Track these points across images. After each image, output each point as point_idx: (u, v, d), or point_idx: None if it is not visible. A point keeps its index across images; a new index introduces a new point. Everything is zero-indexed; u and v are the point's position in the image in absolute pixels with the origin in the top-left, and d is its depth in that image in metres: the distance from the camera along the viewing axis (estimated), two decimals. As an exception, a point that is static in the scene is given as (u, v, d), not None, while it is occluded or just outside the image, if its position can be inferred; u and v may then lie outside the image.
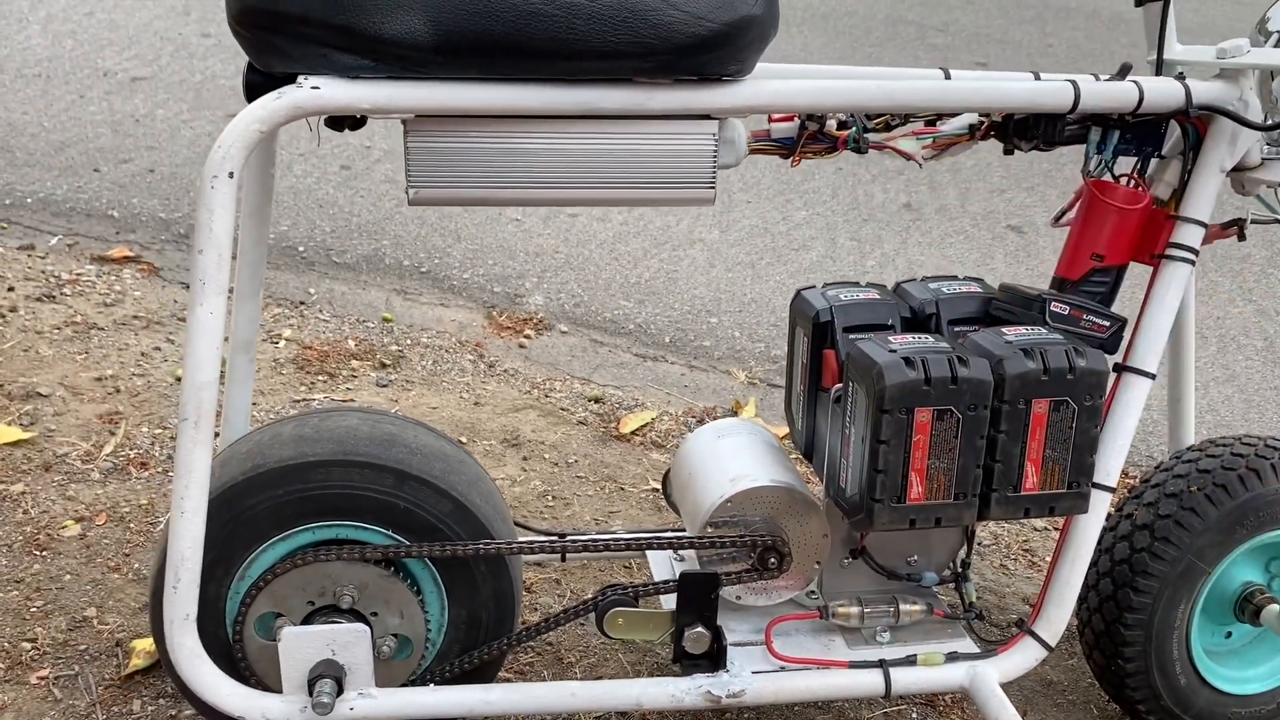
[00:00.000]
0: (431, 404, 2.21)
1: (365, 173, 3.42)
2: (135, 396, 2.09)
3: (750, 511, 1.32)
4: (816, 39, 5.31)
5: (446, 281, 2.82)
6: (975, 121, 1.36)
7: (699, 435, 1.47)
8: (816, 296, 1.39)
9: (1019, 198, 3.63)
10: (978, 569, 1.88)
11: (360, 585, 1.25)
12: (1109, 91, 1.25)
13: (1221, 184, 1.33)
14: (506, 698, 1.26)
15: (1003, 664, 1.32)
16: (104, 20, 4.64)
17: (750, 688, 1.28)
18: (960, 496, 1.24)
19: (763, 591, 1.37)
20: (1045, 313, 1.31)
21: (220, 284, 1.08)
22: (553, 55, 1.06)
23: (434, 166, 1.11)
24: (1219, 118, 1.29)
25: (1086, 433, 1.25)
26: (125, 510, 1.77)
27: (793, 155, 1.32)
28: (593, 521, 1.89)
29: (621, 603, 1.31)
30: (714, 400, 2.40)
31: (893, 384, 1.19)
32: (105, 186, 3.13)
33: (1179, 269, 1.31)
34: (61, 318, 2.35)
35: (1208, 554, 1.44)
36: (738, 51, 1.11)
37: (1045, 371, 1.22)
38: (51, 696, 1.41)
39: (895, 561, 1.40)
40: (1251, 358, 2.78)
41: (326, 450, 1.24)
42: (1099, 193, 1.34)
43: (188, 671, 1.19)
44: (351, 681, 1.23)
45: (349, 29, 1.02)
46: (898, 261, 3.13)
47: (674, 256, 3.09)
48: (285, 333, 2.43)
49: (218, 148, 1.03)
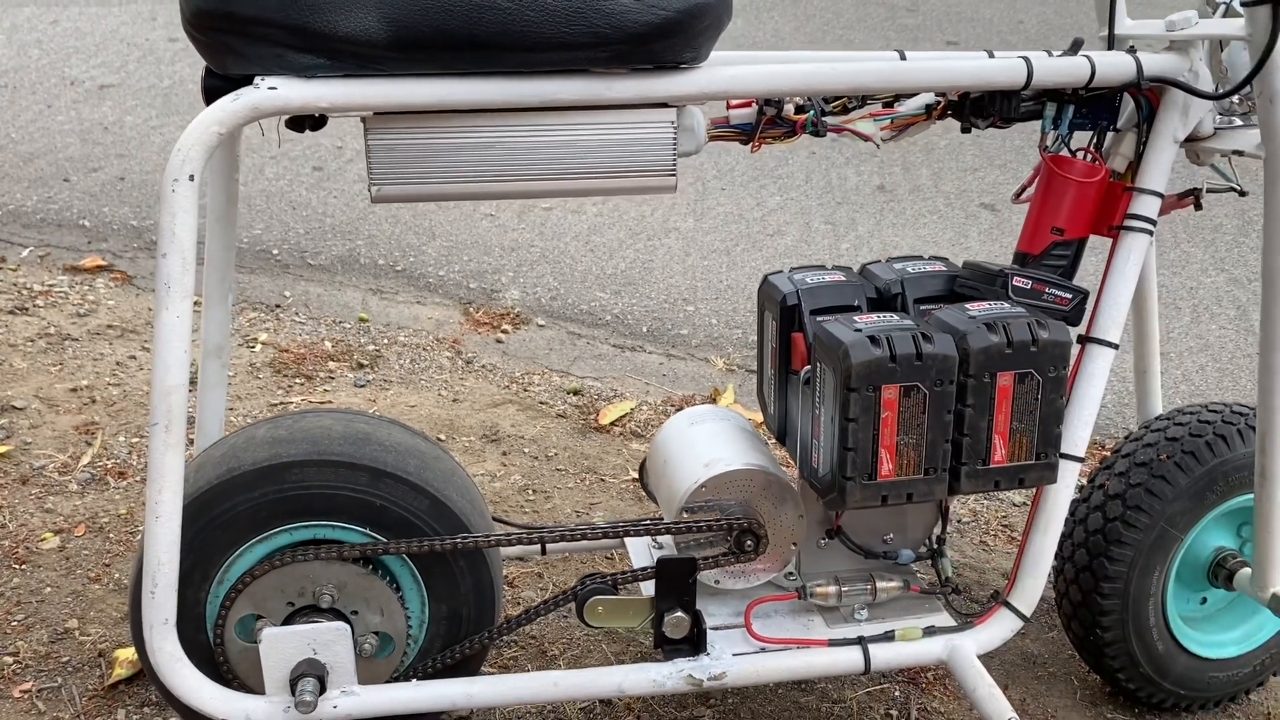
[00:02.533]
0: (410, 402, 2.22)
1: (338, 173, 3.42)
2: (111, 406, 2.09)
3: (725, 496, 1.33)
4: (787, 24, 5.31)
5: (422, 279, 2.82)
6: (932, 101, 1.37)
7: (673, 423, 1.48)
8: (783, 280, 1.40)
9: (991, 176, 3.65)
10: (958, 546, 1.90)
11: (339, 584, 1.26)
12: (1061, 67, 1.26)
13: (1177, 154, 1.34)
14: (490, 690, 1.27)
15: (979, 636, 1.34)
16: (70, 29, 4.61)
17: (731, 670, 1.29)
18: (930, 471, 1.25)
19: (741, 574, 1.38)
20: (1008, 288, 1.33)
21: (186, 287, 1.08)
22: (507, 48, 1.06)
23: (395, 163, 1.12)
24: (1171, 89, 1.30)
25: (1052, 404, 1.26)
26: (104, 520, 1.77)
27: (752, 140, 1.33)
28: (574, 514, 1.90)
29: (601, 591, 1.32)
30: (693, 388, 2.41)
31: (859, 362, 1.20)
32: (76, 196, 3.12)
33: (1137, 239, 1.33)
34: (35, 329, 2.34)
35: (1179, 521, 1.46)
36: (692, 39, 1.12)
37: (1009, 345, 1.23)
38: (35, 710, 1.41)
39: (871, 540, 1.42)
40: (1225, 326, 2.81)
41: (301, 451, 1.25)
42: (1056, 167, 1.35)
43: (169, 676, 1.19)
44: (334, 680, 1.23)
45: (303, 28, 1.02)
46: (872, 243, 3.14)
47: (649, 246, 3.09)
48: (261, 336, 2.43)
49: (177, 151, 1.04)
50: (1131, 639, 1.48)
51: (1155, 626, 1.49)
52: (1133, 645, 1.48)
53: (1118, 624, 1.47)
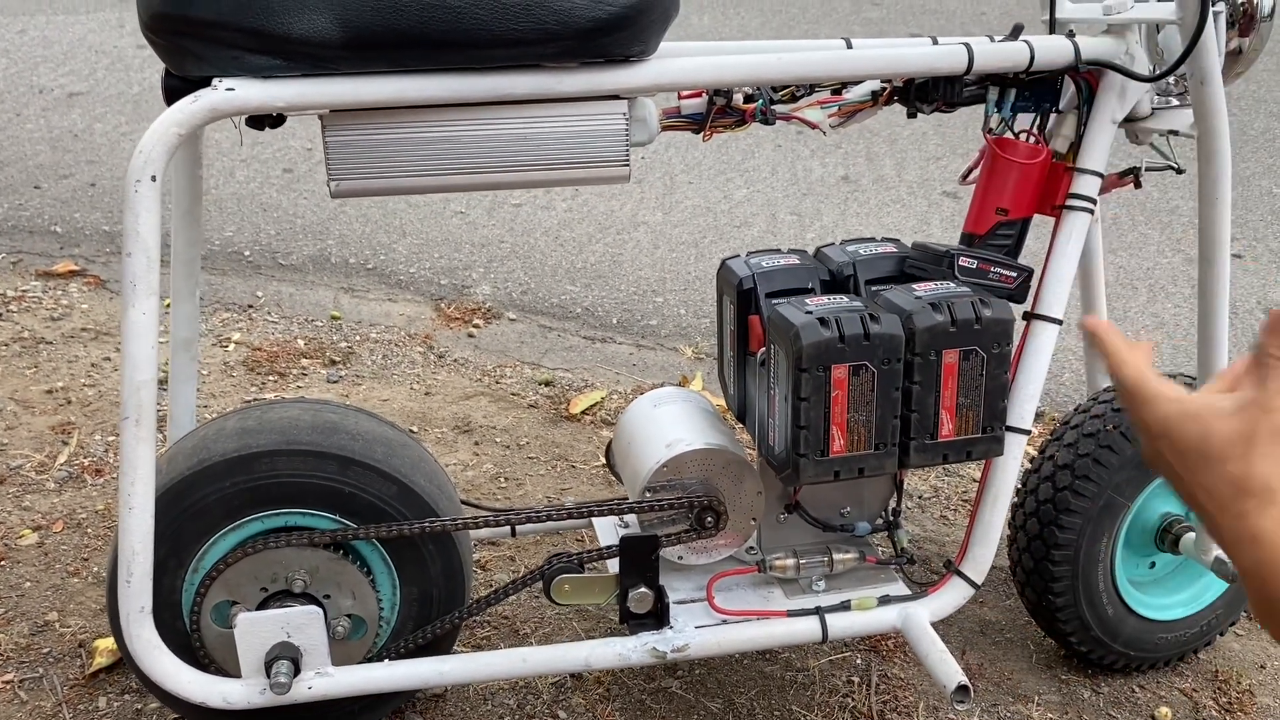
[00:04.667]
0: (382, 396, 2.25)
1: (308, 175, 3.44)
2: (87, 406, 2.11)
3: (686, 474, 1.38)
4: (753, 20, 5.36)
5: (393, 277, 2.85)
6: (878, 88, 1.41)
7: (637, 405, 1.52)
8: (740, 265, 1.45)
9: (954, 164, 3.70)
10: (919, 520, 1.95)
11: (311, 569, 1.29)
12: (1001, 52, 1.31)
13: (1116, 135, 1.39)
14: (461, 667, 1.31)
15: (933, 604, 1.39)
16: (37, 37, 4.61)
17: (694, 642, 1.34)
18: (880, 447, 1.30)
19: (703, 550, 1.42)
20: (955, 267, 1.37)
21: (151, 285, 1.11)
22: (458, 45, 1.10)
23: (352, 159, 1.15)
24: (1108, 72, 1.35)
25: (997, 379, 1.31)
26: (82, 516, 1.79)
27: (704, 130, 1.37)
28: (545, 499, 1.94)
29: (567, 570, 1.36)
30: (662, 377, 2.45)
31: (809, 343, 1.24)
32: (47, 203, 3.13)
33: (1079, 218, 1.38)
34: (9, 334, 2.36)
35: (1126, 489, 1.51)
36: (640, 32, 1.16)
37: (953, 323, 1.28)
38: (18, 699, 1.44)
39: (829, 514, 1.47)
40: (1180, 305, 2.88)
41: (270, 441, 1.28)
42: (1000, 149, 1.40)
43: (147, 662, 1.23)
44: (308, 662, 1.27)
45: (258, 31, 1.05)
46: (837, 233, 3.19)
47: (619, 240, 3.13)
48: (234, 336, 2.46)
49: (139, 153, 1.07)
50: (1082, 603, 1.53)
51: (1105, 591, 1.54)
52: (1083, 609, 1.54)
53: (1069, 589, 1.52)
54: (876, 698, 1.54)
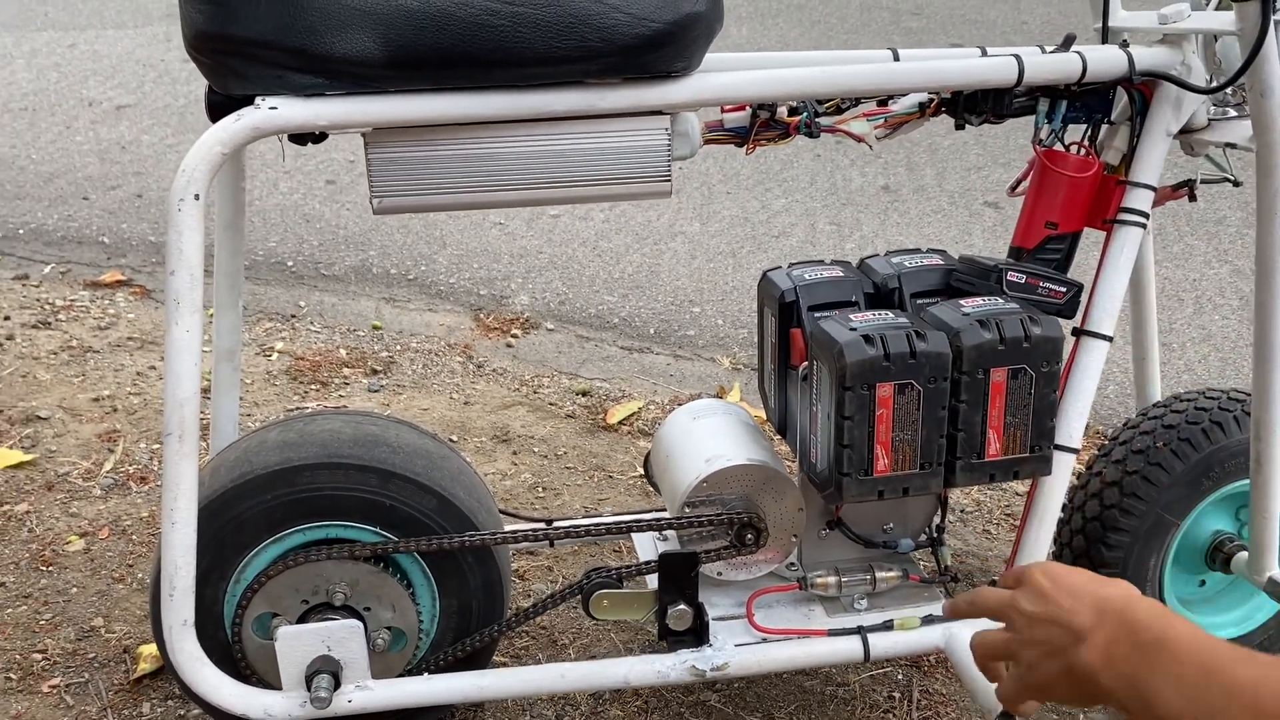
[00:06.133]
0: (422, 406, 2.26)
1: (350, 186, 3.47)
2: (133, 414, 2.14)
3: (726, 490, 1.37)
4: (792, 30, 5.34)
5: (434, 287, 2.87)
6: (925, 99, 1.39)
7: (675, 417, 1.51)
8: (782, 277, 1.43)
9: (996, 174, 3.67)
10: (961, 535, 1.93)
11: (352, 582, 1.30)
12: (1052, 63, 1.28)
13: (1171, 147, 1.36)
14: (500, 682, 1.31)
15: (978, 624, 1.36)
16: (87, 51, 4.69)
17: (733, 660, 1.33)
18: (925, 466, 1.28)
19: (743, 566, 1.41)
20: (1003, 282, 1.35)
21: (194, 302, 1.12)
22: (501, 64, 1.10)
23: (395, 176, 1.15)
24: (1163, 83, 1.32)
25: (1045, 398, 1.29)
26: (127, 523, 1.82)
27: (747, 143, 1.36)
28: (582, 509, 1.94)
29: (606, 585, 1.36)
30: (699, 387, 2.44)
31: (853, 361, 1.23)
32: (95, 214, 3.18)
33: (1131, 233, 1.35)
34: (58, 343, 2.39)
35: (1175, 507, 1.48)
36: (683, 48, 1.15)
37: (1001, 341, 1.26)
38: (64, 704, 1.46)
39: (871, 530, 1.45)
40: (1228, 317, 2.82)
41: (312, 454, 1.29)
42: (1050, 162, 1.37)
43: (189, 675, 1.24)
44: (348, 675, 1.27)
45: (302, 50, 1.06)
46: (876, 243, 3.17)
47: (656, 250, 3.13)
48: (278, 345, 2.48)
49: (182, 172, 1.08)
50: (1131, 625, 1.50)
51: (1154, 613, 1.51)
52: (1132, 632, 1.50)
53: (1117, 611, 1.49)
54: (918, 713, 1.52)
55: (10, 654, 1.53)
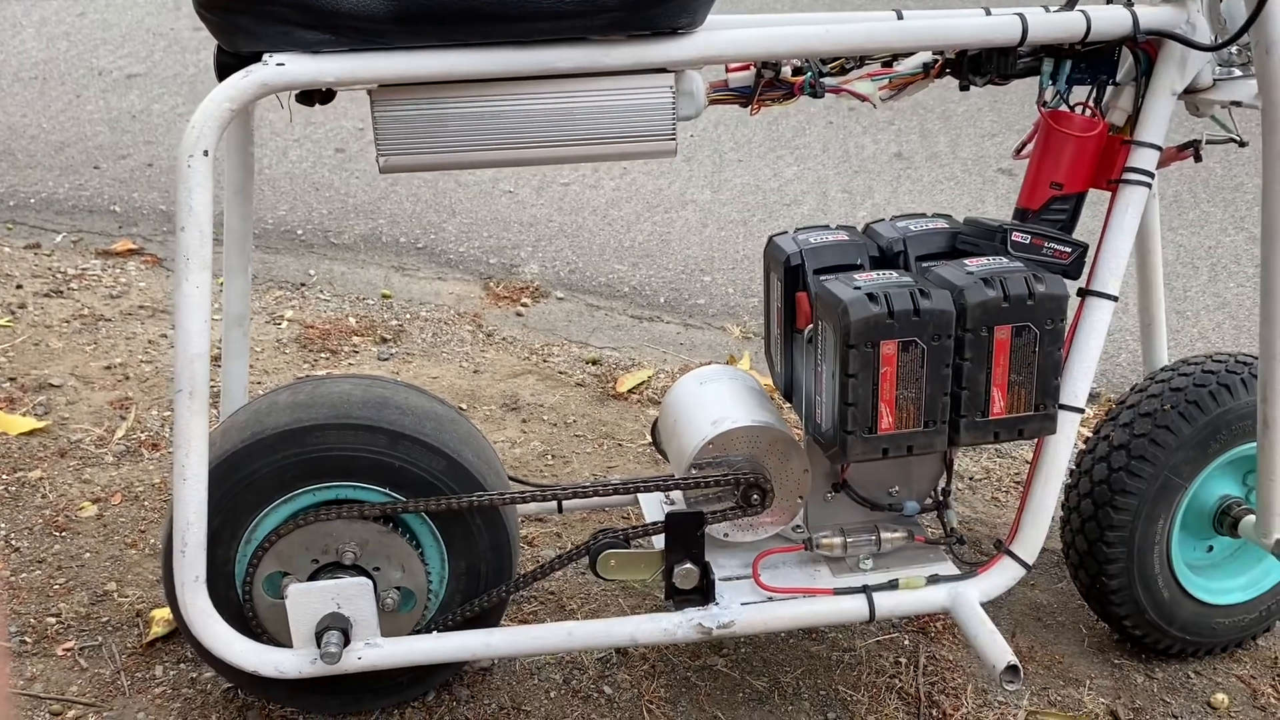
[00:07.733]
0: (432, 374, 2.27)
1: (359, 154, 3.47)
2: (145, 382, 2.16)
3: (732, 452, 1.37)
4: (804, -5, 5.29)
5: (443, 256, 2.87)
6: (929, 60, 1.39)
7: (683, 383, 1.51)
8: (787, 241, 1.43)
9: (1009, 141, 3.64)
10: (970, 502, 1.93)
11: (361, 542, 1.31)
12: (1057, 22, 1.28)
13: (1175, 107, 1.35)
14: (508, 640, 1.32)
15: (982, 584, 1.37)
16: (97, 20, 4.69)
17: (739, 618, 1.34)
18: (929, 424, 1.28)
19: (749, 528, 1.42)
20: (1007, 243, 1.35)
21: (204, 259, 1.13)
22: (506, 19, 1.10)
23: (401, 134, 1.16)
24: (1168, 41, 1.31)
25: (1050, 356, 1.29)
26: (139, 490, 1.84)
27: (751, 103, 1.35)
28: (591, 476, 1.95)
29: (613, 545, 1.37)
30: (709, 356, 2.45)
31: (857, 319, 1.23)
32: (106, 183, 3.19)
33: (1136, 192, 1.35)
34: (70, 311, 2.41)
35: (1183, 470, 1.48)
36: (687, 4, 1.15)
37: (1005, 299, 1.26)
38: (78, 666, 1.48)
39: (877, 493, 1.45)
40: (1243, 284, 2.80)
41: (322, 415, 1.30)
42: (1055, 123, 1.37)
43: (201, 631, 1.25)
44: (358, 632, 1.29)
45: (308, 6, 1.06)
46: (888, 211, 3.15)
47: (667, 219, 3.12)
48: (287, 314, 2.49)
49: (191, 128, 1.08)
50: (1137, 586, 1.51)
51: (1160, 574, 1.51)
52: (1138, 592, 1.51)
53: (1123, 572, 1.50)
54: (924, 679, 1.53)
55: (25, 618, 1.55)
